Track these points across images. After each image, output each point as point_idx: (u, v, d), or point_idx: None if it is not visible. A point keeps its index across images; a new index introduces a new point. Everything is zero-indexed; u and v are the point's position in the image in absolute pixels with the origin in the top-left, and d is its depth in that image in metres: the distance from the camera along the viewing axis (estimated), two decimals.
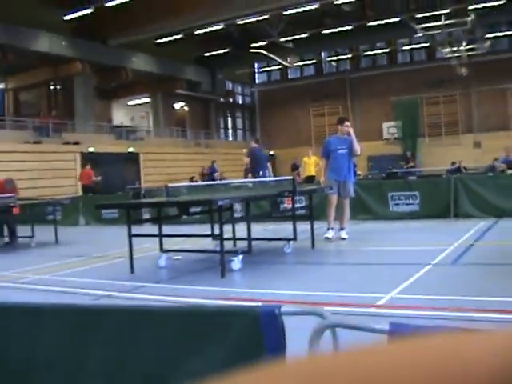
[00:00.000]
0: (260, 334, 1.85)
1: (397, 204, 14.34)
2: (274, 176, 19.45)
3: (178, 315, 2.14)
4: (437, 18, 31.56)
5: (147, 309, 2.43)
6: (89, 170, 23.95)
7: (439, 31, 32.87)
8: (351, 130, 11.37)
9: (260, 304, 2.05)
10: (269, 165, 17.06)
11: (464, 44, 34.93)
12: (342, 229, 11.27)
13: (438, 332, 1.73)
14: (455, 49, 35.01)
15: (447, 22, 31.25)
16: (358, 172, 23.16)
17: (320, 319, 1.80)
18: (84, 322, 2.25)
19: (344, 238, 11.11)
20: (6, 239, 14.42)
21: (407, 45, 42.38)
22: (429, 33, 33.45)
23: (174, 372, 1.98)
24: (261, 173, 16.41)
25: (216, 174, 28.45)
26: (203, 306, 3.84)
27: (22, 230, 13.89)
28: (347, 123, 11.53)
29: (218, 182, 17.57)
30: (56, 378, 2.19)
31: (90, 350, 2.17)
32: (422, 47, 41.32)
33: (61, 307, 2.42)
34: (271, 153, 44.66)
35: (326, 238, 10.99)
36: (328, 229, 11.20)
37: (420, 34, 34.03)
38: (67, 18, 29.85)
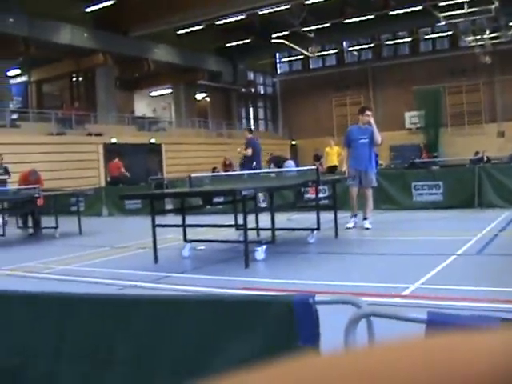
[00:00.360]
0: (294, 323, 1.83)
1: (420, 194, 14.25)
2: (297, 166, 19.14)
3: (210, 305, 2.13)
4: (460, 5, 31.23)
5: (177, 298, 2.42)
6: (117, 161, 24.34)
7: (462, 19, 32.52)
8: (371, 120, 11.31)
9: (288, 293, 2.03)
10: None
11: (488, 32, 34.55)
12: (365, 218, 11.24)
13: (474, 322, 1.71)
14: (479, 37, 34.64)
15: (470, 9, 30.91)
16: (380, 162, 23.03)
17: (355, 308, 1.78)
18: (111, 312, 2.24)
19: (368, 228, 11.08)
20: (31, 230, 14.57)
21: (429, 33, 41.96)
22: (452, 21, 33.13)
23: (205, 363, 1.97)
24: (254, 163, 15.82)
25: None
26: (235, 295, 3.82)
27: (46, 221, 14.01)
28: (368, 112, 11.47)
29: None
30: (82, 369, 2.19)
31: (117, 341, 2.16)
32: (445, 36, 40.92)
33: (86, 297, 2.42)
34: (293, 143, 44.66)
35: (347, 228, 11.02)
36: (351, 217, 11.23)
37: (443, 23, 33.74)
38: (88, 9, 30.04)
